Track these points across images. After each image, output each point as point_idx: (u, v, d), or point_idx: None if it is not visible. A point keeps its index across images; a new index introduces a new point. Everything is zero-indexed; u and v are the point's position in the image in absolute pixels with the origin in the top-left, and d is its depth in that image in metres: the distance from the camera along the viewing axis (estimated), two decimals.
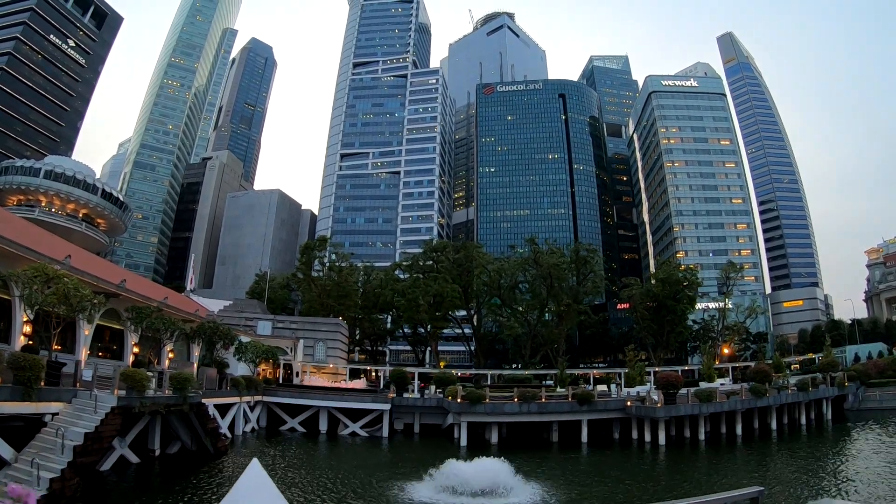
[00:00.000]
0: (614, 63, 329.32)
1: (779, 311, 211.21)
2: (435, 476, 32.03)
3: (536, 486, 32.27)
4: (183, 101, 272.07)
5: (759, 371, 62.49)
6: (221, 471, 38.72)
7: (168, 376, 42.22)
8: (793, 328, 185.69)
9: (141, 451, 40.88)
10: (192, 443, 44.73)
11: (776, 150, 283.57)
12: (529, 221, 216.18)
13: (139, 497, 30.55)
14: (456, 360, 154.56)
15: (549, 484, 33.29)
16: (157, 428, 43.59)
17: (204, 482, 34.65)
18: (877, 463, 37.50)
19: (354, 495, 30.77)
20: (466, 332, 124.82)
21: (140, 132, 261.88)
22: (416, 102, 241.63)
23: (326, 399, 63.49)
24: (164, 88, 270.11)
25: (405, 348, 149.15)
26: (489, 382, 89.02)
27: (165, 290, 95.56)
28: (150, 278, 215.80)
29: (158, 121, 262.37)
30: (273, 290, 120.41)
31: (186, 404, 41.92)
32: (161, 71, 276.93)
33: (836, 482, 32.38)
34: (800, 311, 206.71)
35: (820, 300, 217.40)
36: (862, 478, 32.58)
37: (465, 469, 32.01)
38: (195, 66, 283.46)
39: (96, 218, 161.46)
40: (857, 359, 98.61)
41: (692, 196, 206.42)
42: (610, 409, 56.33)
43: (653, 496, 30.75)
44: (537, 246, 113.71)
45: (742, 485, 23.20)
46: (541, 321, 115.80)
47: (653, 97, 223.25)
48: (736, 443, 51.70)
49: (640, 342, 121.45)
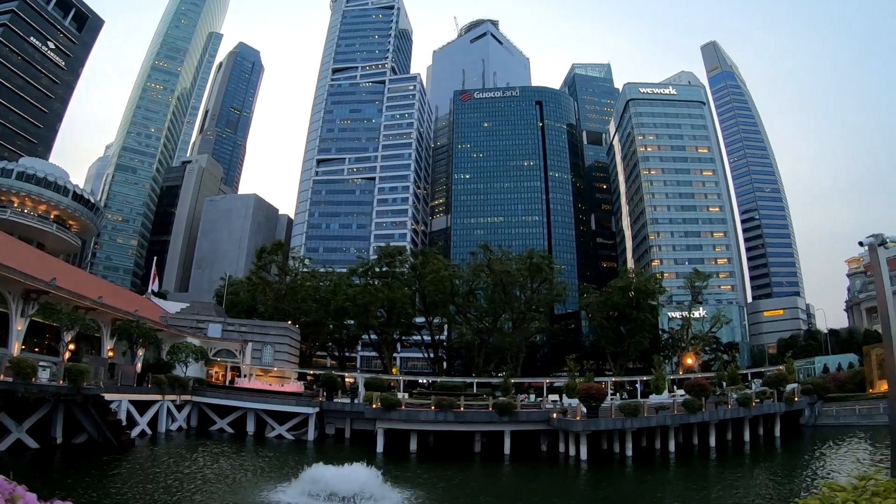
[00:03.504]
0: (596, 71, 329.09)
1: (759, 320, 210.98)
2: (299, 480, 31.85)
3: (405, 494, 32.03)
4: (166, 105, 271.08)
5: (695, 385, 59.05)
6: (112, 463, 38.64)
7: (63, 368, 42.78)
8: (773, 338, 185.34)
9: (45, 438, 42.69)
10: (99, 435, 45.20)
11: (759, 159, 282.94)
12: (503, 229, 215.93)
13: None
14: (424, 368, 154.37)
15: (419, 493, 33.01)
16: (59, 417, 44.97)
17: (84, 471, 34.96)
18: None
19: (210, 497, 30.52)
20: (426, 339, 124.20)
21: (123, 135, 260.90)
22: (393, 108, 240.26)
23: (254, 401, 63.22)
24: (147, 91, 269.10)
25: (376, 355, 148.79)
26: (427, 389, 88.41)
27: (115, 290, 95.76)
28: (129, 281, 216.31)
29: (141, 124, 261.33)
30: (237, 294, 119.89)
31: (81, 396, 42.54)
32: (145, 74, 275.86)
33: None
34: (780, 320, 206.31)
35: (801, 309, 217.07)
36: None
37: (329, 474, 31.59)
38: (179, 69, 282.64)
39: (68, 220, 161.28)
40: (826, 370, 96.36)
41: (668, 204, 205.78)
42: (533, 421, 54.78)
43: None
44: (491, 252, 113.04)
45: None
46: (495, 329, 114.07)
47: (631, 105, 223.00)
48: (668, 461, 50.07)
49: (598, 351, 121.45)
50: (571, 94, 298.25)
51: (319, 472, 31.91)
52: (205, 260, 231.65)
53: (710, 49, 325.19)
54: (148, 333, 60.22)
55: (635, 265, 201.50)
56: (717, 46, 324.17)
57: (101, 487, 31.13)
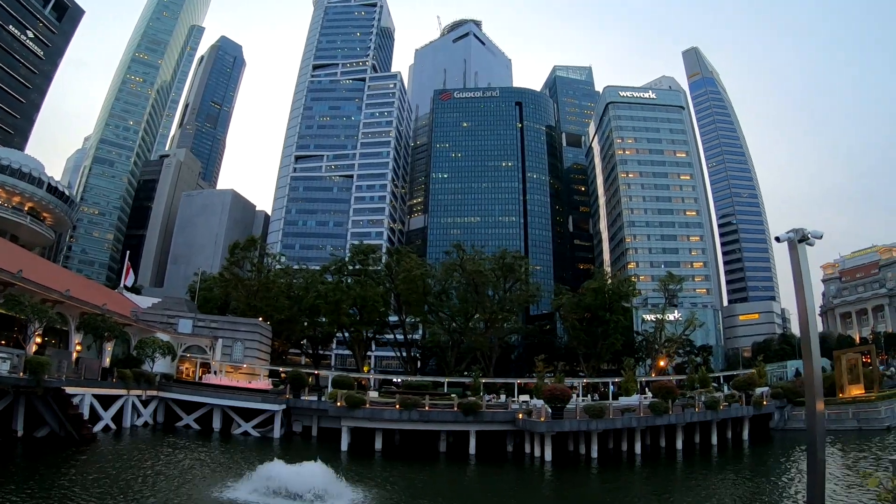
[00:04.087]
0: (578, 74, 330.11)
1: (734, 323, 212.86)
2: (252, 477, 31.68)
3: (359, 492, 32.05)
4: (145, 98, 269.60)
5: (662, 387, 58.95)
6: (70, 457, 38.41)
7: (23, 360, 42.73)
8: (748, 341, 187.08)
9: (6, 431, 43.26)
10: (60, 428, 45.04)
11: (737, 164, 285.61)
12: (480, 229, 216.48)
13: None
14: (399, 367, 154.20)
15: (375, 492, 33.10)
16: (20, 410, 44.83)
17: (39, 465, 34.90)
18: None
19: (158, 492, 30.37)
20: (399, 338, 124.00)
21: (101, 127, 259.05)
22: (373, 106, 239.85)
23: (220, 397, 62.92)
24: (126, 84, 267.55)
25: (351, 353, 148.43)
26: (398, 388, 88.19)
27: (85, 283, 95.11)
28: (104, 275, 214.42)
29: (119, 116, 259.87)
30: (211, 290, 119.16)
31: (41, 388, 42.45)
32: (125, 66, 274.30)
33: None
34: (756, 324, 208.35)
35: (776, 314, 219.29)
36: None
37: (283, 471, 31.39)
38: (159, 62, 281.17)
39: (42, 212, 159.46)
40: (798, 374, 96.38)
41: (645, 207, 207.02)
42: (499, 421, 54.41)
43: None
44: (464, 251, 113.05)
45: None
46: (467, 328, 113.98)
47: (610, 108, 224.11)
48: (634, 463, 49.93)
49: (572, 352, 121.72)
50: (552, 95, 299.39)
51: (273, 470, 31.71)
52: (181, 255, 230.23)
53: (691, 55, 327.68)
54: (113, 328, 59.67)
55: (612, 267, 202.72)
56: (699, 52, 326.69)
57: (51, 481, 30.96)
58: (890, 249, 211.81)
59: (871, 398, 65.33)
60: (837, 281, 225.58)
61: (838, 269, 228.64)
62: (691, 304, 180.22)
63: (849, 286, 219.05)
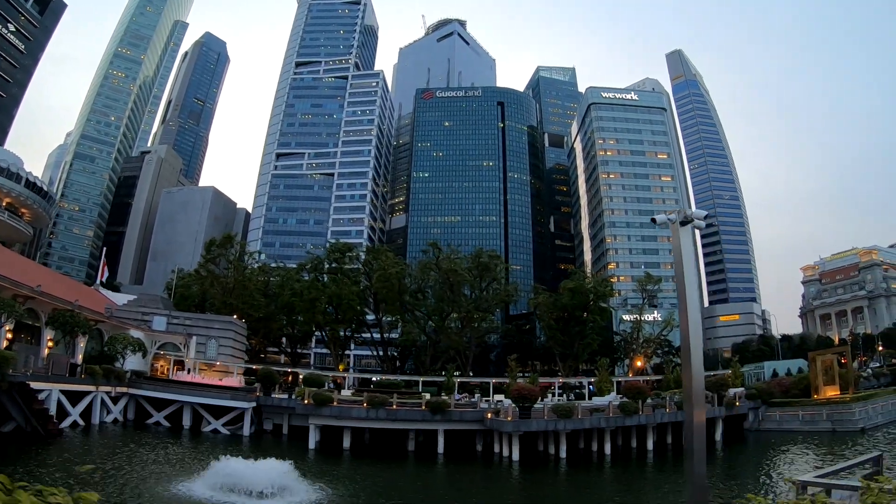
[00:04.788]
0: (561, 74, 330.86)
1: (715, 324, 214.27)
2: (208, 473, 31.61)
3: (317, 489, 32.05)
4: (127, 93, 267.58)
5: (632, 387, 59.87)
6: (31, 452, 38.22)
7: None
8: (729, 342, 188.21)
9: None
10: (27, 424, 44.80)
11: (719, 166, 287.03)
12: (460, 228, 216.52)
13: None
14: (378, 365, 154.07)
15: (334, 489, 33.13)
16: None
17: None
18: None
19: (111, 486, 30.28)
20: (376, 337, 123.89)
21: (82, 123, 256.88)
22: (355, 104, 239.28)
23: (189, 394, 62.75)
24: (108, 79, 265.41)
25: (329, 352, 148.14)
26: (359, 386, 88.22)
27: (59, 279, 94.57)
28: (84, 272, 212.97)
29: (101, 112, 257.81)
30: (188, 287, 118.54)
31: (6, 383, 42.36)
32: (107, 61, 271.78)
33: None
34: (736, 325, 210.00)
35: (757, 315, 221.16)
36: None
37: (239, 468, 31.50)
38: (142, 57, 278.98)
39: (20, 207, 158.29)
40: (776, 375, 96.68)
41: (626, 208, 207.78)
42: (467, 421, 54.55)
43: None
44: (440, 250, 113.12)
45: None
46: (442, 328, 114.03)
47: (592, 108, 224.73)
48: (604, 463, 49.94)
49: (550, 352, 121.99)
50: (535, 96, 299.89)
51: (230, 466, 31.72)
52: (160, 252, 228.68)
53: (675, 57, 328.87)
54: (83, 324, 59.39)
55: (592, 268, 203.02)
56: (682, 55, 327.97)
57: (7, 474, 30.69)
58: (869, 252, 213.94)
59: (846, 399, 65.50)
60: (817, 283, 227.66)
61: (818, 271, 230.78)
62: (671, 304, 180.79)
63: (828, 288, 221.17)
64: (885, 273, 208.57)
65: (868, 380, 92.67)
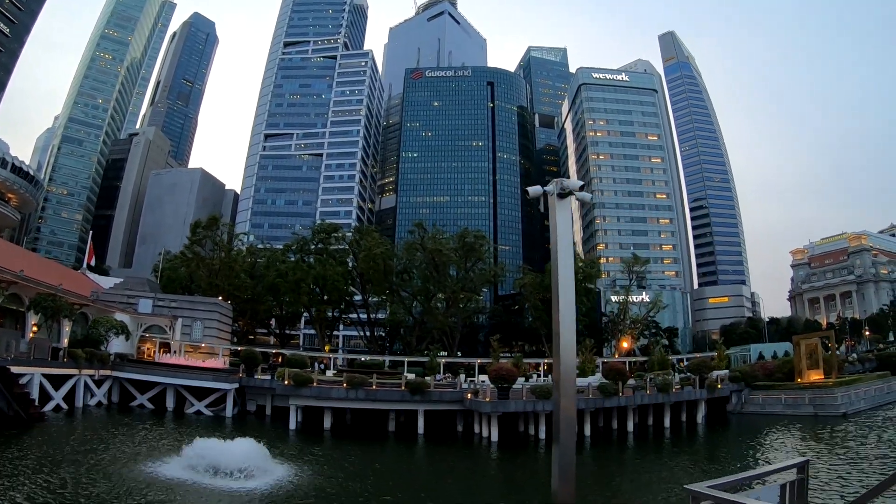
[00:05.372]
0: (552, 55, 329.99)
1: (704, 306, 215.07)
2: (182, 454, 31.38)
3: (290, 469, 32.04)
4: (115, 75, 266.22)
5: (612, 369, 59.57)
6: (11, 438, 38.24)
7: None
8: (717, 324, 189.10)
9: None
10: (8, 408, 44.86)
11: (710, 149, 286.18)
12: (449, 208, 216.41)
13: None
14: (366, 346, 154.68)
15: (306, 468, 33.16)
16: None
17: None
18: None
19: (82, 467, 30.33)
20: (363, 317, 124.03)
21: (69, 106, 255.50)
22: (343, 85, 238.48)
23: (172, 376, 62.86)
24: (95, 61, 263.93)
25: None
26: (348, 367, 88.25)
27: (44, 264, 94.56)
28: (73, 256, 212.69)
29: (88, 94, 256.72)
30: (175, 269, 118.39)
31: None
32: (94, 43, 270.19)
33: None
34: (725, 307, 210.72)
35: (746, 297, 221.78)
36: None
37: (214, 448, 31.28)
38: (129, 38, 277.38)
39: (7, 193, 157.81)
40: (762, 357, 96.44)
41: (615, 189, 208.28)
42: (447, 401, 54.63)
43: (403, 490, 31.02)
44: (424, 230, 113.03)
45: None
46: (428, 308, 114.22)
47: (582, 89, 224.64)
48: (584, 444, 48.89)
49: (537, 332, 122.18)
50: (526, 77, 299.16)
51: (204, 446, 31.77)
52: (149, 235, 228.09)
53: (667, 39, 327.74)
54: (64, 307, 59.30)
55: (583, 248, 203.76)
56: (675, 37, 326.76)
57: None
58: (859, 237, 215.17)
59: (829, 384, 65.48)
60: (806, 267, 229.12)
61: (808, 254, 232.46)
62: (660, 286, 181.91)
63: (817, 272, 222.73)
64: (874, 258, 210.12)
65: (853, 364, 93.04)
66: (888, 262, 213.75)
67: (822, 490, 25.75)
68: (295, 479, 30.14)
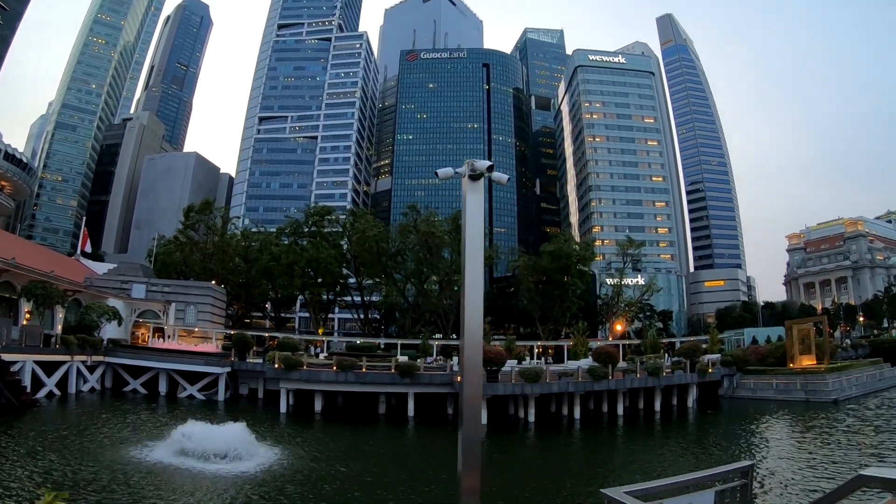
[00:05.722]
0: (549, 37, 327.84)
1: (699, 290, 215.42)
2: (169, 438, 31.54)
3: (275, 452, 32.10)
4: (108, 60, 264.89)
5: (602, 352, 58.51)
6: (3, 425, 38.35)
7: None
8: (713, 307, 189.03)
9: None
10: (1, 395, 44.97)
11: (707, 132, 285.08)
12: (443, 190, 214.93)
13: None
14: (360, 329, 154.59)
15: (292, 451, 33.31)
16: None
17: None
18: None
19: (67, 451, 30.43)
20: (358, 300, 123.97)
21: (63, 92, 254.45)
22: (338, 67, 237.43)
23: (164, 361, 63.07)
24: (88, 46, 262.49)
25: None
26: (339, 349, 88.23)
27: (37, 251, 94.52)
28: (68, 243, 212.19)
29: (81, 80, 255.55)
30: (170, 254, 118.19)
31: None
32: (87, 28, 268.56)
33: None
34: (721, 291, 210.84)
35: (742, 281, 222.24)
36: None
37: (199, 432, 31.38)
38: (122, 23, 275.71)
39: (0, 181, 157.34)
40: (756, 341, 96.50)
41: (611, 172, 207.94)
42: (437, 384, 54.50)
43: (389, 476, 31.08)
44: (417, 212, 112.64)
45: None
46: (421, 291, 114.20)
47: (579, 71, 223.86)
48: (574, 428, 49.41)
49: (529, 315, 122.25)
50: (523, 59, 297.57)
51: (190, 430, 31.85)
52: (144, 220, 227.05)
53: (665, 21, 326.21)
54: (54, 294, 59.21)
55: (579, 230, 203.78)
56: (673, 19, 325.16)
57: None
58: (855, 223, 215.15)
59: (821, 370, 65.55)
60: (802, 251, 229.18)
61: (804, 239, 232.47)
62: (655, 269, 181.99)
63: (813, 257, 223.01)
64: (870, 244, 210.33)
65: (846, 350, 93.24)
66: (884, 249, 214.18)
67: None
68: (277, 463, 30.18)
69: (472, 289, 6.31)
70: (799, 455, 34.61)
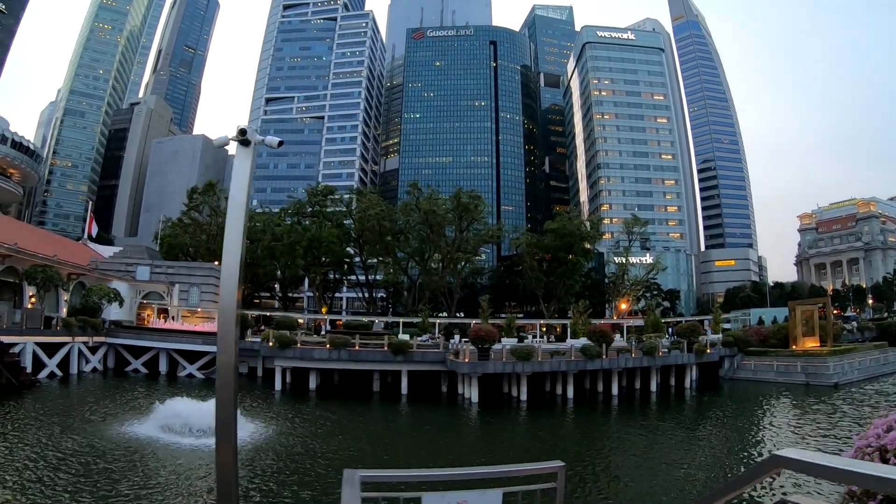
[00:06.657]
0: (558, 13, 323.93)
1: (710, 269, 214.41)
2: (154, 414, 32.12)
3: (260, 427, 32.77)
4: (114, 45, 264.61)
5: (596, 331, 58.31)
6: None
7: None
8: (723, 287, 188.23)
9: None
10: (1, 376, 45.66)
11: (719, 110, 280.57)
12: (451, 169, 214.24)
13: None
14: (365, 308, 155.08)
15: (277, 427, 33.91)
16: None
17: None
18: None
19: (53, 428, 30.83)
20: (363, 279, 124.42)
21: (70, 78, 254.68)
22: (344, 46, 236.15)
23: (164, 341, 63.75)
24: (94, 32, 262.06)
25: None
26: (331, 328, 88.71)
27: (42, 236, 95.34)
28: (80, 227, 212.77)
29: (88, 66, 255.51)
30: (176, 236, 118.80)
31: None
32: (92, 13, 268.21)
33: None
34: (732, 270, 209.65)
35: (752, 261, 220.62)
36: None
37: (185, 408, 32.02)
38: (128, 7, 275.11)
39: (8, 168, 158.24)
40: (762, 322, 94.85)
41: (620, 149, 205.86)
42: (429, 362, 54.94)
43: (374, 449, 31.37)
44: (419, 191, 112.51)
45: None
46: (424, 269, 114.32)
47: (587, 48, 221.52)
48: (566, 407, 49.33)
49: (534, 293, 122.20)
50: (531, 35, 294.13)
51: (176, 406, 32.31)
52: (153, 204, 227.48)
53: None
54: (54, 278, 59.74)
55: (588, 208, 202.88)
56: None
57: None
58: (868, 203, 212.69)
59: (823, 352, 64.67)
60: (814, 231, 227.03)
61: (815, 219, 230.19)
62: (664, 247, 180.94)
63: (825, 237, 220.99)
64: (882, 225, 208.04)
65: (852, 333, 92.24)
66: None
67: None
68: (262, 437, 30.62)
69: (230, 255, 6.21)
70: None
